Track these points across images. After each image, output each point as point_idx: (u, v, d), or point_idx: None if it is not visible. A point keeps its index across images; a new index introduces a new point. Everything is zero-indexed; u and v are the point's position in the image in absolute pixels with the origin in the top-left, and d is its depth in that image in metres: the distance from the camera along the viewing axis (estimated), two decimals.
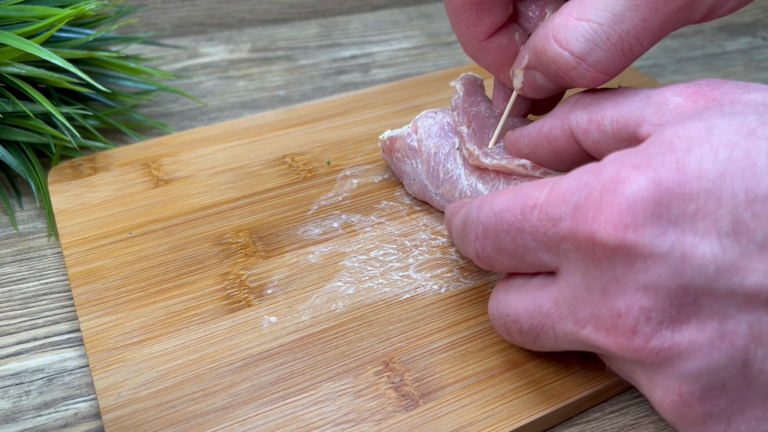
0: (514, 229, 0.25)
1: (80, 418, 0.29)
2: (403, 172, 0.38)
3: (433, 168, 0.35)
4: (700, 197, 0.21)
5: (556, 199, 0.23)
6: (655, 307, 0.22)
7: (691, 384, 0.22)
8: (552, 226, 0.23)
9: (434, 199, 0.36)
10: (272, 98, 0.50)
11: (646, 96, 0.26)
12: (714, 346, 0.21)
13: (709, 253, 0.21)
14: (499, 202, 0.25)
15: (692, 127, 0.22)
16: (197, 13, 0.59)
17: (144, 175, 0.40)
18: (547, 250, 0.24)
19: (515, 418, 0.28)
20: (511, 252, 0.25)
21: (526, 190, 0.25)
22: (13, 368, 0.31)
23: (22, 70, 0.37)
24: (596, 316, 0.23)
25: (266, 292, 0.33)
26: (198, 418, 0.27)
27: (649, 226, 0.21)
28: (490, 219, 0.26)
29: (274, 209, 0.38)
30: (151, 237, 0.35)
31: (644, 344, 0.22)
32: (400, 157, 0.37)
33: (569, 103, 0.29)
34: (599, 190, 0.22)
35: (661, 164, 0.21)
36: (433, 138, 0.36)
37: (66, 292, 0.35)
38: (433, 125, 0.36)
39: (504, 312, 0.27)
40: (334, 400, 0.28)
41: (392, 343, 0.30)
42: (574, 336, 0.24)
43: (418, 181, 0.36)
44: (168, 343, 0.30)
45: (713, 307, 0.21)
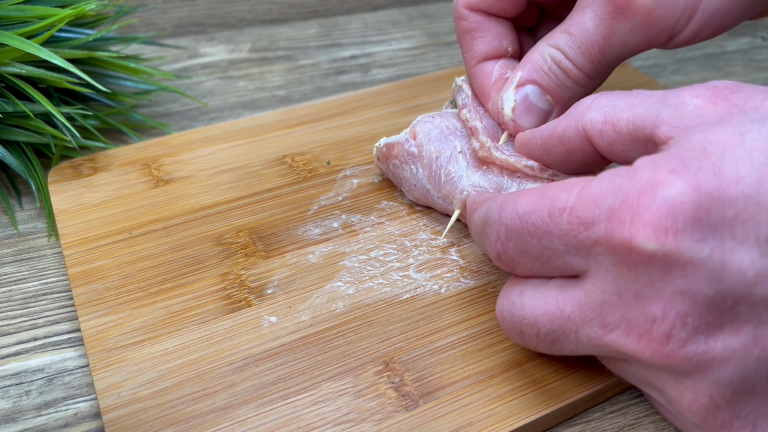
0: (542, 232, 0.24)
1: (80, 418, 0.29)
2: (402, 179, 0.37)
3: (434, 172, 0.35)
4: (738, 202, 0.21)
5: (587, 203, 0.23)
6: (692, 312, 0.21)
7: (722, 388, 0.22)
8: (584, 230, 0.23)
9: (437, 202, 0.36)
10: (272, 98, 0.50)
11: (663, 98, 0.26)
12: (748, 351, 0.21)
13: (747, 259, 0.21)
14: (523, 204, 0.25)
15: (723, 133, 0.22)
16: (197, 13, 0.59)
17: (144, 175, 0.40)
18: (576, 253, 0.24)
19: (515, 418, 0.28)
20: (536, 255, 0.25)
21: (551, 191, 0.24)
22: (13, 368, 0.31)
23: (23, 70, 0.37)
24: (627, 321, 0.23)
25: (266, 292, 0.33)
26: (198, 418, 0.27)
27: (689, 230, 0.21)
28: (514, 221, 0.25)
29: (274, 209, 0.38)
30: (152, 237, 0.36)
31: (678, 349, 0.22)
32: (397, 164, 0.37)
33: (584, 104, 0.29)
34: (636, 193, 0.22)
35: (698, 169, 0.21)
36: (434, 142, 0.35)
37: (66, 292, 0.35)
38: (433, 129, 0.36)
39: (519, 315, 0.26)
40: (334, 400, 0.28)
41: (392, 343, 0.30)
42: (598, 341, 0.24)
43: (420, 186, 0.36)
44: (168, 343, 0.30)
45: (749, 313, 0.21)
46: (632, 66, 0.53)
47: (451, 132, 0.36)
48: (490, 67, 0.35)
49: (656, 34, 0.31)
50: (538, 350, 0.27)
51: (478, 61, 0.35)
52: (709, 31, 0.31)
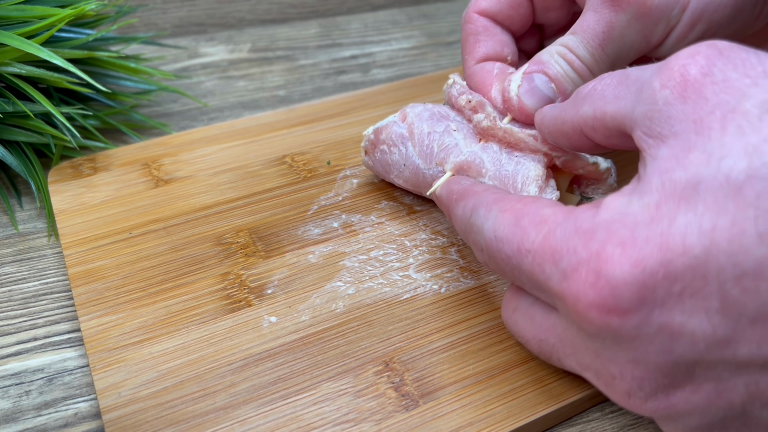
0: (513, 263, 0.25)
1: (80, 418, 0.29)
2: (390, 164, 0.36)
3: (427, 146, 0.34)
4: (686, 276, 0.20)
5: (547, 254, 0.23)
6: (647, 377, 0.22)
7: (694, 429, 0.23)
8: (544, 280, 0.23)
9: (426, 175, 0.35)
10: (272, 98, 0.50)
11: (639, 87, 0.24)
12: (711, 404, 0.22)
13: (698, 330, 0.20)
14: (501, 227, 0.25)
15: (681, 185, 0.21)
16: (197, 13, 0.59)
17: (144, 175, 0.40)
18: (541, 293, 0.25)
19: (515, 418, 0.28)
20: (512, 277, 0.26)
21: (526, 221, 0.24)
22: (13, 368, 0.31)
23: (23, 70, 0.37)
24: (595, 369, 0.24)
25: (266, 292, 0.33)
26: (198, 418, 0.27)
27: (634, 310, 0.21)
28: (491, 242, 0.26)
29: (274, 209, 0.38)
30: (151, 237, 0.36)
31: (640, 405, 0.23)
32: (385, 149, 0.36)
33: (580, 95, 0.28)
34: (585, 265, 0.22)
35: (645, 241, 0.21)
36: (426, 122, 0.35)
37: (66, 292, 0.35)
38: (424, 111, 0.36)
39: (514, 331, 0.28)
40: (334, 399, 0.28)
41: (392, 343, 0.30)
42: (578, 372, 0.25)
43: (410, 164, 0.35)
44: (168, 343, 0.30)
45: (707, 374, 0.21)
46: None
47: (443, 116, 0.35)
48: (489, 65, 0.35)
49: (653, 27, 0.31)
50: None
51: (478, 60, 0.36)
52: (705, 25, 0.31)
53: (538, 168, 0.32)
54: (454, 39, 0.58)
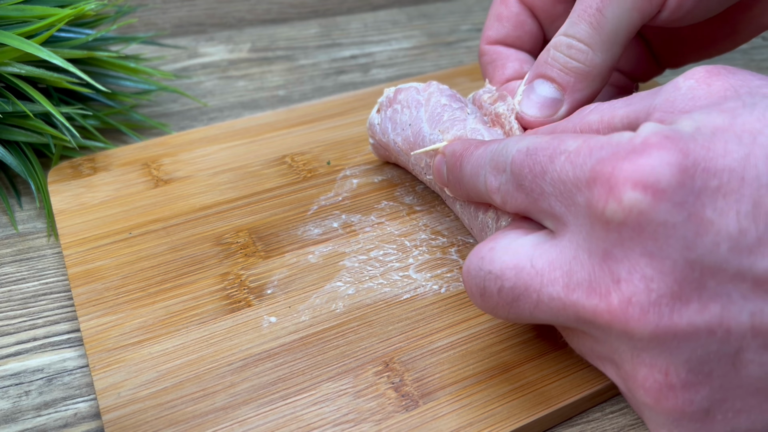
0: (538, 170, 0.24)
1: (80, 418, 0.29)
2: (396, 122, 0.37)
3: (438, 114, 0.35)
4: (724, 174, 0.21)
5: (583, 150, 0.23)
6: (658, 278, 0.21)
7: (679, 366, 0.21)
8: (572, 174, 0.23)
9: (426, 139, 0.35)
10: (272, 98, 0.50)
11: (658, 89, 0.26)
12: (711, 331, 0.21)
13: (724, 230, 0.20)
14: (536, 141, 0.25)
15: (714, 117, 0.22)
16: (197, 13, 0.59)
17: (144, 175, 0.40)
18: (560, 198, 0.24)
19: (515, 418, 0.28)
20: (527, 190, 0.25)
21: (564, 136, 0.25)
22: (12, 368, 0.31)
23: (22, 70, 0.37)
24: (592, 280, 0.22)
25: (266, 292, 0.33)
26: (198, 419, 0.27)
27: (670, 192, 0.21)
28: (520, 154, 0.25)
29: (274, 209, 0.37)
30: (151, 237, 0.35)
31: (639, 315, 0.21)
32: (398, 108, 0.37)
33: (586, 110, 0.29)
34: (628, 149, 0.22)
35: (690, 139, 0.21)
36: (445, 96, 0.36)
37: (66, 292, 0.35)
38: (447, 90, 0.37)
39: (486, 269, 0.26)
40: (334, 400, 0.28)
41: (392, 343, 0.30)
42: (559, 302, 0.23)
43: (415, 125, 0.36)
44: (168, 343, 0.30)
45: (717, 290, 0.21)
46: None
47: (462, 102, 0.36)
48: (512, 84, 0.35)
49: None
50: (496, 314, 0.26)
51: (501, 84, 0.36)
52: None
53: None
54: (454, 39, 0.58)
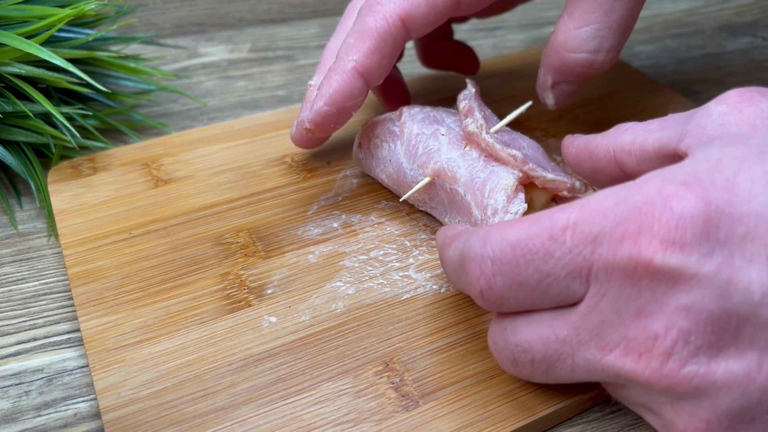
0: (541, 257, 0.23)
1: (80, 418, 0.29)
2: (378, 158, 0.37)
3: (413, 146, 0.35)
4: (750, 219, 0.20)
5: (592, 216, 0.22)
6: (695, 330, 0.21)
7: (721, 414, 0.21)
8: (590, 246, 0.22)
9: (407, 175, 0.36)
10: (272, 98, 0.50)
11: (692, 113, 0.26)
12: (750, 379, 0.21)
13: (756, 278, 0.20)
14: (515, 232, 0.24)
15: (741, 149, 0.22)
16: (197, 12, 0.59)
17: (144, 175, 0.40)
18: (578, 275, 0.23)
19: (515, 418, 0.28)
20: (533, 285, 0.24)
21: (546, 216, 0.23)
22: (12, 368, 0.31)
23: (22, 70, 0.37)
24: (627, 340, 0.22)
25: (266, 292, 0.33)
26: (198, 419, 0.27)
27: (696, 244, 0.20)
28: (505, 252, 0.24)
29: (274, 209, 0.37)
30: (151, 237, 0.35)
31: (678, 369, 0.21)
32: (378, 143, 0.37)
33: (622, 128, 0.29)
34: (644, 203, 0.21)
35: (710, 183, 0.21)
36: (417, 123, 0.36)
37: (66, 292, 0.35)
38: (419, 113, 0.37)
39: (512, 342, 0.26)
40: (334, 400, 0.28)
41: (392, 343, 0.30)
42: (595, 364, 0.23)
43: (395, 161, 0.36)
44: (168, 343, 0.30)
45: (754, 336, 0.21)
46: (632, 66, 0.53)
47: (437, 121, 0.36)
48: None
49: None
50: (532, 380, 0.26)
51: None
52: None
53: (509, 178, 0.32)
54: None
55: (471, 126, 0.34)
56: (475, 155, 0.33)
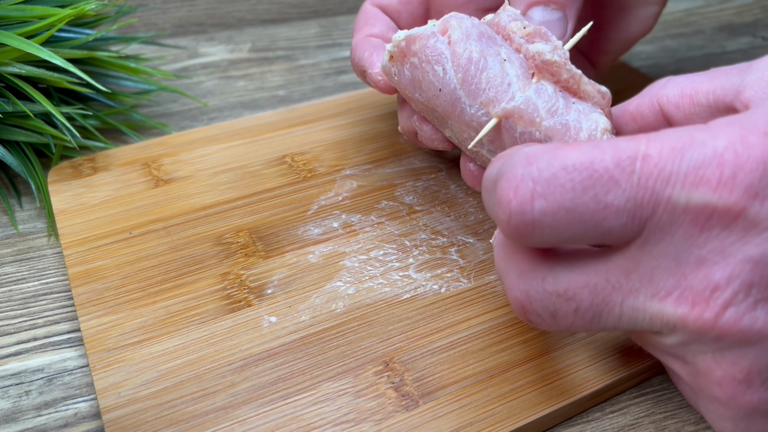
0: (604, 184, 0.21)
1: (80, 418, 0.29)
2: (421, 82, 0.31)
3: (472, 76, 0.29)
4: None
5: (666, 152, 0.21)
6: (758, 283, 0.20)
7: (763, 366, 0.21)
8: (662, 182, 0.21)
9: (466, 113, 0.30)
10: (272, 98, 0.50)
11: (747, 66, 0.25)
12: None
13: None
14: (572, 155, 0.21)
15: None
16: (197, 13, 0.59)
17: (144, 175, 0.40)
18: (638, 212, 0.21)
19: (515, 418, 0.28)
20: (585, 216, 0.21)
21: (608, 143, 0.21)
22: (13, 368, 0.31)
23: (22, 70, 0.37)
24: (682, 288, 0.21)
25: (266, 292, 0.33)
26: (198, 418, 0.27)
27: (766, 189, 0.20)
28: (556, 174, 0.21)
29: (274, 209, 0.37)
30: (151, 237, 0.35)
31: (735, 321, 0.21)
32: (417, 63, 0.30)
33: (660, 83, 0.28)
34: (725, 150, 0.20)
35: None
36: (475, 41, 0.29)
37: (66, 292, 0.35)
38: (472, 28, 0.30)
39: (553, 290, 0.23)
40: (334, 400, 0.28)
41: (392, 343, 0.30)
42: (644, 311, 0.22)
43: (448, 92, 0.30)
44: (168, 343, 0.30)
45: None
46: (632, 66, 0.53)
47: (491, 38, 0.30)
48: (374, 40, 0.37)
49: None
50: (572, 330, 0.24)
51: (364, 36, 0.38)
52: None
53: (604, 120, 0.28)
54: None
55: (549, 53, 0.28)
56: (550, 90, 0.28)
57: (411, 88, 0.32)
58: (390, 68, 0.32)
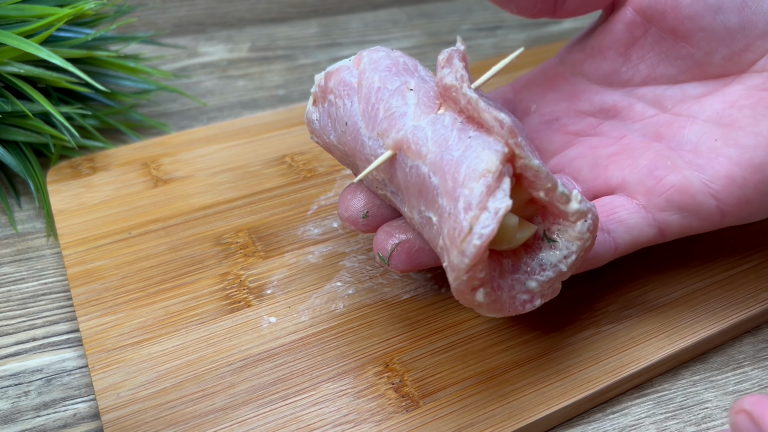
0: None
1: (79, 418, 0.29)
2: (334, 120, 0.29)
3: (372, 105, 0.27)
4: None
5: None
6: None
7: None
8: None
9: (366, 146, 0.28)
10: (272, 98, 0.50)
11: None
12: None
13: None
14: None
15: None
16: (196, 12, 0.59)
17: (143, 174, 0.39)
18: None
19: (516, 418, 0.28)
20: None
21: None
22: (12, 368, 0.31)
23: (21, 70, 0.37)
24: None
25: (266, 293, 0.33)
26: (197, 419, 0.27)
27: None
28: None
29: (273, 209, 0.37)
30: (151, 237, 0.35)
31: None
32: (332, 99, 0.29)
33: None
34: None
35: None
36: (381, 72, 0.28)
37: (65, 293, 0.34)
38: (384, 59, 0.29)
39: None
40: (334, 400, 0.28)
41: (392, 343, 0.30)
42: None
43: (351, 125, 0.28)
44: (167, 344, 0.30)
45: None
46: None
47: (407, 70, 0.29)
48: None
49: None
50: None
51: None
52: None
53: (491, 158, 0.24)
54: (454, 38, 0.58)
55: (448, 77, 0.26)
56: (448, 121, 0.26)
57: (328, 130, 0.30)
58: (312, 114, 0.31)
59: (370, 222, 0.30)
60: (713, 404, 0.30)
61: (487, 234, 0.23)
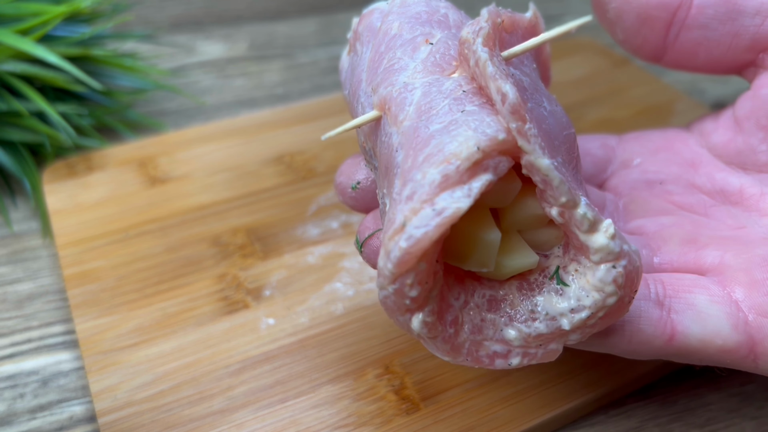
0: None
1: (75, 421, 0.29)
2: (353, 70, 0.26)
3: (380, 55, 0.23)
4: None
5: None
6: None
7: None
8: None
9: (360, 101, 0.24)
10: (270, 96, 0.50)
11: None
12: None
13: None
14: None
15: None
16: (194, 10, 0.59)
17: (140, 174, 0.39)
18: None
19: (518, 421, 0.27)
20: None
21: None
22: (7, 370, 0.31)
23: (17, 68, 0.37)
24: None
25: (264, 294, 0.32)
26: (195, 422, 0.27)
27: None
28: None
29: (272, 209, 0.37)
30: (147, 237, 0.35)
31: None
32: (358, 47, 0.26)
33: None
34: None
35: None
36: (405, 18, 0.24)
37: (61, 294, 0.34)
38: (418, 4, 0.24)
39: None
40: (334, 403, 0.28)
41: (392, 345, 0.30)
42: None
43: (357, 75, 0.24)
44: (164, 346, 0.30)
45: None
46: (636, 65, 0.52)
47: (443, 23, 0.24)
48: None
49: None
50: None
51: None
52: None
53: (467, 141, 0.18)
54: None
55: (467, 30, 0.21)
56: (448, 86, 0.21)
57: (346, 84, 0.26)
58: (343, 64, 0.27)
59: (357, 196, 0.26)
60: (717, 406, 0.30)
61: (418, 237, 0.18)
